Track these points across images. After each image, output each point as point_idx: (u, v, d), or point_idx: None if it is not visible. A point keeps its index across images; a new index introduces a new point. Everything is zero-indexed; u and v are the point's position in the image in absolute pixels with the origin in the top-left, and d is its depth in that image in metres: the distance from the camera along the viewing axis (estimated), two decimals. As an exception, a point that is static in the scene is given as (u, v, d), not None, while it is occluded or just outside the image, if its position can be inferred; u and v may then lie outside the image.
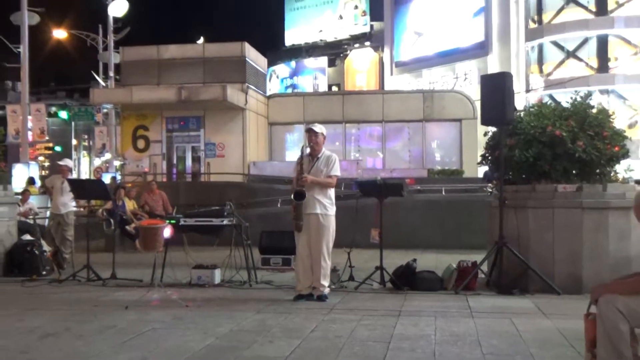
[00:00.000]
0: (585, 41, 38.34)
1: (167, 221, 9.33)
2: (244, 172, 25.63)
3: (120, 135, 29.28)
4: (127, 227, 15.94)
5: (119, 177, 28.42)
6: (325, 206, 8.27)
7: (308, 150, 8.59)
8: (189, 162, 27.31)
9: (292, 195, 8.22)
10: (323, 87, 54.48)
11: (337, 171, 8.40)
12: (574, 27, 38.40)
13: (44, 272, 10.94)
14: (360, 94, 35.37)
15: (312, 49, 57.92)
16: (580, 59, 38.77)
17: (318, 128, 8.46)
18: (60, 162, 12.58)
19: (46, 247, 11.52)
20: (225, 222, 9.74)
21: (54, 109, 52.09)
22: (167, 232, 8.81)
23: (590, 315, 4.45)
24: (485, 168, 13.07)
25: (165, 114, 26.67)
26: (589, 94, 9.95)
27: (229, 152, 26.26)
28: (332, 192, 8.43)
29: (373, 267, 9.55)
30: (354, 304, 8.15)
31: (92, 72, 41.29)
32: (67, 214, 12.36)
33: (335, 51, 56.77)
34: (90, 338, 6.23)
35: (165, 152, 27.01)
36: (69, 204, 12.29)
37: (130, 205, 17.00)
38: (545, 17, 40.03)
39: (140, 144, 26.96)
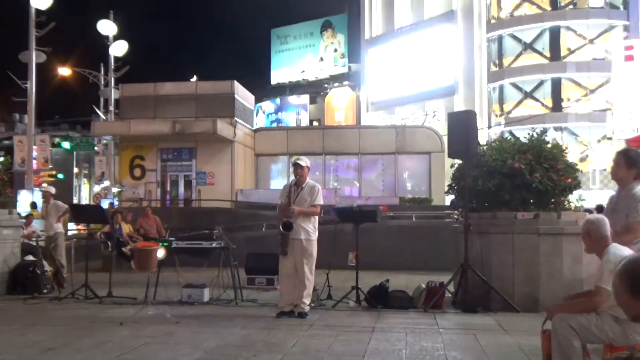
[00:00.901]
0: (541, 83, 38.92)
1: (161, 243, 9.27)
2: (232, 198, 25.54)
3: (119, 164, 29.13)
4: (124, 249, 15.79)
5: (116, 203, 28.19)
6: (309, 232, 8.28)
7: (294, 180, 8.59)
8: (181, 189, 27.17)
9: (281, 226, 8.21)
10: (305, 122, 54.65)
11: (320, 200, 8.42)
12: (531, 71, 39.00)
13: (45, 291, 10.79)
14: (338, 129, 35.55)
15: (295, 88, 58.21)
16: (536, 99, 39.31)
17: (303, 162, 8.49)
18: (44, 189, 12.52)
19: (47, 267, 11.38)
20: (214, 244, 9.70)
21: (57, 139, 51.70)
22: (161, 253, 8.74)
23: (546, 332, 4.47)
24: (452, 197, 13.16)
25: (160, 145, 26.58)
26: (544, 131, 10.06)
27: (218, 180, 26.18)
28: (315, 219, 8.44)
29: (349, 287, 9.52)
30: (331, 320, 8.11)
31: (94, 106, 41.12)
32: (54, 236, 12.26)
33: (316, 90, 57.09)
34: (88, 352, 6.14)
35: (159, 180, 26.87)
36: (54, 225, 12.19)
37: (126, 228, 16.86)
38: (506, 62, 40.62)
39: (137, 172, 26.82)
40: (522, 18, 40.35)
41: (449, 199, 20.67)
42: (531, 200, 9.27)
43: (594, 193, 31.90)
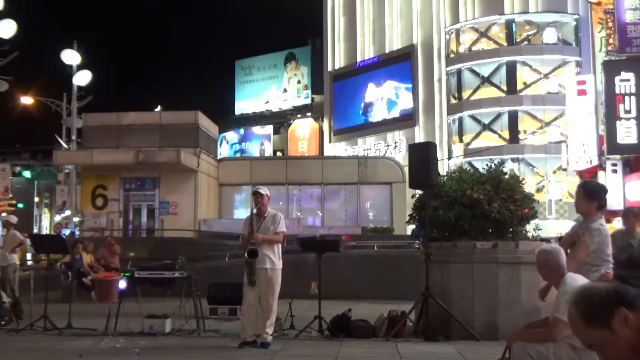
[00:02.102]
0: (498, 116, 39.64)
1: (122, 274, 9.12)
2: (195, 228, 25.30)
3: (80, 193, 28.67)
4: (84, 279, 15.46)
5: (77, 233, 27.69)
6: (274, 261, 8.22)
7: (255, 210, 8.54)
8: (144, 219, 26.83)
9: (246, 254, 8.15)
10: (269, 152, 54.72)
11: (282, 228, 8.40)
12: (488, 104, 39.72)
13: (3, 322, 10.48)
14: (302, 159, 35.60)
15: (259, 118, 58.33)
16: (494, 131, 39.98)
17: (263, 190, 8.46)
18: (4, 217, 12.26)
19: (5, 298, 11.07)
20: (177, 274, 9.57)
21: (18, 168, 50.75)
22: (122, 284, 8.59)
23: (506, 360, 4.49)
24: (413, 226, 13.23)
25: (123, 174, 26.27)
26: (502, 162, 10.22)
27: (181, 210, 25.93)
28: (279, 247, 8.40)
29: (312, 316, 9.46)
30: (294, 350, 8.03)
31: (56, 135, 40.50)
32: (6, 267, 11.97)
33: (280, 120, 57.29)
34: (45, 385, 5.96)
35: (122, 210, 26.51)
36: (7, 256, 11.91)
37: (87, 258, 16.53)
38: (465, 95, 41.31)
39: (99, 202, 26.42)
40: (480, 53, 41.21)
41: (410, 229, 20.77)
42: (490, 230, 9.36)
43: (550, 223, 32.43)
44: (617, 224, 16.20)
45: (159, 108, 41.97)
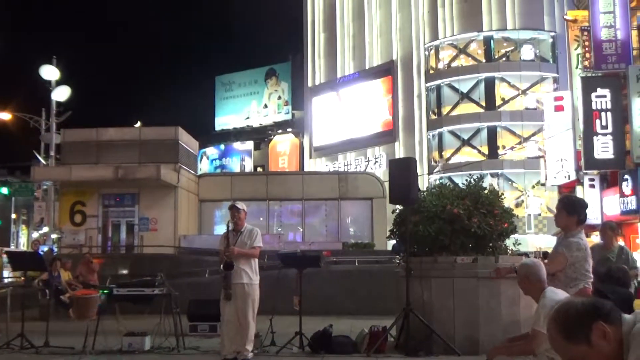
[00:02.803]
0: (477, 131, 39.96)
1: (101, 291, 9.02)
2: (175, 244, 25.12)
3: (59, 210, 28.37)
4: (62, 297, 15.27)
5: (55, 250, 27.38)
6: (250, 276, 8.18)
7: (232, 225, 8.50)
8: (123, 235, 26.60)
9: (222, 266, 8.10)
10: (249, 168, 54.64)
11: (259, 242, 8.36)
12: (468, 119, 40.05)
13: (-21, 341, 10.30)
14: (282, 175, 35.57)
15: (239, 134, 58.27)
16: (474, 147, 40.28)
17: (240, 205, 8.45)
18: None
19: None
20: (156, 291, 9.48)
21: (-5, 185, 50.19)
22: (100, 301, 8.50)
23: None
24: (394, 242, 13.25)
25: (102, 190, 26.06)
26: (481, 177, 10.28)
27: (161, 226, 25.75)
28: (255, 262, 8.35)
29: (293, 332, 9.41)
30: (275, 367, 7.97)
31: (34, 151, 40.15)
32: None
33: (260, 136, 57.28)
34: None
35: (100, 226, 26.27)
36: None
37: (65, 275, 16.34)
38: (444, 110, 41.63)
39: (78, 218, 26.16)
40: (459, 69, 41.61)
41: (390, 244, 20.81)
42: (470, 245, 9.40)
43: (529, 237, 32.65)
44: (596, 238, 16.36)
45: (138, 124, 41.81)
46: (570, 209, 5.81)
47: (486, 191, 9.85)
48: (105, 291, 9.12)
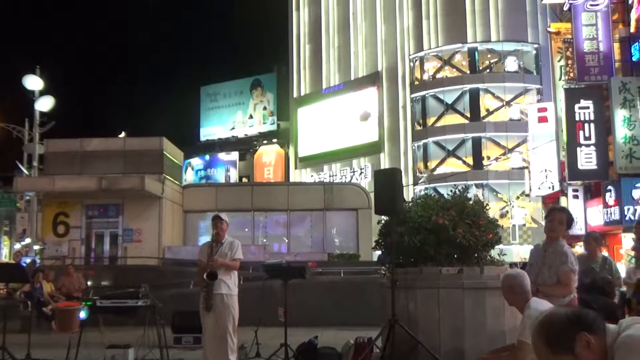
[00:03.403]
0: (462, 142, 40.17)
1: (84, 303, 8.94)
2: (159, 255, 24.99)
3: (42, 221, 28.15)
4: (44, 309, 15.12)
5: (38, 261, 27.13)
6: (230, 287, 8.15)
7: (213, 236, 8.46)
8: (107, 246, 26.43)
9: (205, 275, 8.06)
10: (234, 179, 54.52)
11: (240, 255, 8.32)
12: (453, 130, 40.26)
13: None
14: (267, 186, 35.57)
15: (224, 144, 58.16)
16: (459, 157, 40.47)
17: (224, 216, 8.43)
18: None
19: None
20: (140, 303, 9.41)
21: (-23, 196, 49.72)
22: (83, 313, 8.42)
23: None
24: (379, 252, 13.24)
25: (86, 201, 25.91)
26: (466, 188, 10.33)
27: (145, 237, 25.61)
28: (235, 274, 8.32)
29: (278, 344, 9.38)
30: (260, 379, 7.93)
31: (17, 162, 39.85)
32: None
33: (245, 147, 57.21)
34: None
35: (84, 238, 26.09)
36: None
37: (47, 287, 16.18)
38: (429, 121, 41.81)
39: (61, 229, 25.97)
40: (444, 80, 41.86)
41: (376, 255, 20.81)
42: (455, 255, 9.42)
43: (514, 248, 32.79)
44: (579, 248, 16.46)
45: (123, 134, 41.69)
46: (570, 222, 5.87)
47: (471, 202, 9.88)
48: (88, 303, 9.04)
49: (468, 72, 41.45)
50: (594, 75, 22.90)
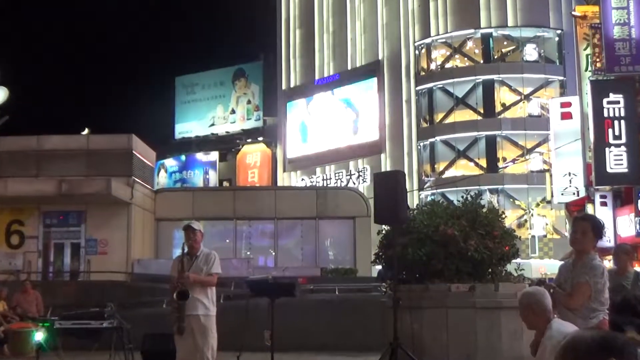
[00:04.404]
0: (474, 141, 40.20)
1: (41, 324, 8.91)
2: (127, 270, 24.92)
3: (-8, 230, 28.04)
4: (-4, 331, 15.06)
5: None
6: (207, 306, 8.11)
7: (186, 248, 8.41)
8: (67, 259, 26.33)
9: (175, 295, 8.01)
10: (214, 182, 54.48)
11: (217, 269, 8.27)
12: (464, 128, 40.30)
13: None
14: (252, 190, 35.55)
15: (203, 143, 58.10)
16: (470, 159, 40.51)
17: (196, 225, 8.38)
18: None
19: None
20: (105, 324, 9.40)
21: None
22: (40, 335, 8.40)
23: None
24: (379, 267, 13.24)
25: (44, 208, 25.81)
26: (479, 194, 10.37)
27: (111, 249, 25.54)
28: (213, 291, 8.29)
29: (264, 372, 9.37)
30: (243, 411, 7.91)
31: (-36, 162, 39.73)
32: None
33: (227, 146, 57.16)
34: None
35: (41, 249, 25.99)
36: None
37: (0, 306, 16.12)
38: (437, 117, 41.85)
39: (14, 239, 25.86)
40: (454, 71, 41.95)
41: (376, 270, 20.80)
42: (466, 271, 9.44)
43: (534, 262, 32.84)
44: (608, 263, 16.51)
45: (86, 131, 41.58)
46: (598, 232, 5.83)
47: (484, 209, 9.92)
48: (46, 324, 9.01)
49: (481, 61, 41.57)
50: (625, 66, 23.00)
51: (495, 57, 41.54)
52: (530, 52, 40.58)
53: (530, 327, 4.84)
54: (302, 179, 48.69)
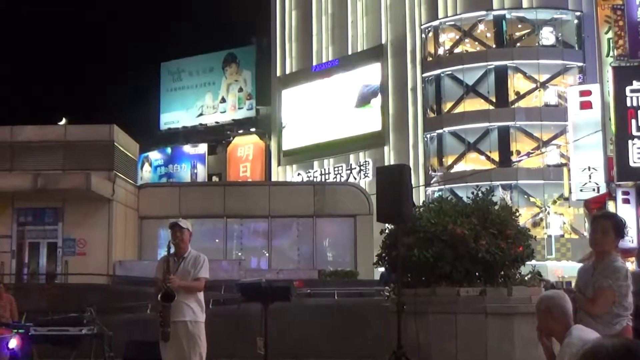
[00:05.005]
0: (486, 133, 40.17)
1: (14, 330, 8.92)
2: (108, 272, 24.95)
3: (-38, 229, 28.05)
4: (-35, 338, 15.08)
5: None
6: (195, 312, 8.11)
7: (172, 249, 8.40)
8: (43, 260, 26.35)
9: (160, 297, 8.01)
10: (202, 177, 54.47)
11: (205, 273, 8.27)
12: (474, 118, 40.23)
13: None
14: (244, 186, 35.55)
15: (190, 134, 58.10)
16: (481, 152, 40.49)
17: (183, 223, 8.37)
18: None
19: None
20: (85, 331, 9.41)
21: None
22: (14, 343, 8.40)
23: None
24: (382, 269, 13.26)
25: (18, 204, 25.82)
26: (491, 190, 10.35)
27: (91, 249, 25.55)
28: (201, 295, 8.29)
29: (256, 383, 9.38)
30: None
31: None
32: None
33: (216, 137, 57.15)
34: None
35: (15, 249, 26.00)
36: None
37: (-31, 311, 16.14)
38: (445, 107, 41.81)
39: (-15, 239, 25.90)
40: (464, 56, 41.90)
41: (379, 272, 20.83)
42: (477, 273, 9.45)
43: (550, 264, 32.89)
44: (631, 265, 16.53)
45: (63, 121, 41.57)
46: (619, 231, 5.83)
47: (497, 207, 9.92)
48: (21, 331, 9.02)
49: (493, 46, 41.54)
50: (650, 51, 22.99)
51: (509, 41, 41.49)
52: (547, 36, 40.55)
53: (548, 334, 4.83)
54: (299, 174, 48.69)
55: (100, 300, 17.17)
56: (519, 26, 41.66)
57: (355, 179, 43.71)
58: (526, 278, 9.82)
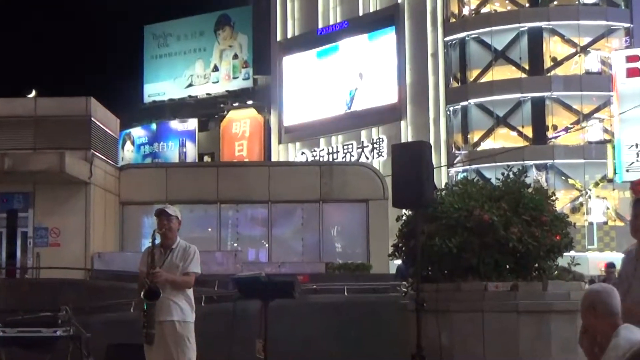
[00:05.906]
0: (518, 105, 40.07)
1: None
2: (85, 266, 25.04)
3: None
4: None
5: None
6: (184, 311, 8.13)
7: (158, 239, 8.41)
8: (13, 252, 26.47)
9: (143, 294, 8.03)
10: (192, 157, 54.47)
11: (196, 267, 8.28)
12: (504, 88, 40.11)
13: None
14: (240, 167, 35.50)
15: (178, 108, 58.07)
16: (512, 127, 40.41)
17: (171, 210, 8.37)
18: None
19: None
20: (59, 332, 9.46)
21: None
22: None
23: None
24: (399, 262, 13.27)
25: (-19, 189, 25.94)
26: (523, 170, 10.34)
27: (66, 239, 25.63)
28: (190, 292, 8.32)
29: (255, 391, 9.43)
30: None
31: None
32: None
33: (208, 111, 57.11)
34: None
35: (-21, 240, 26.15)
36: None
37: None
38: (471, 76, 41.71)
39: (-54, 228, 26.05)
40: (492, 17, 41.78)
41: (395, 265, 20.85)
42: (507, 266, 9.46)
43: (591, 255, 32.87)
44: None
45: (33, 93, 41.61)
46: None
47: (530, 190, 9.92)
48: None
49: (527, 5, 41.39)
50: None
51: (544, -1, 41.39)
52: (588, -7, 40.46)
53: (591, 336, 4.81)
54: (303, 153, 48.69)
55: (77, 298, 17.27)
56: (556, -18, 41.51)
57: (367, 158, 43.69)
58: (555, 273, 9.84)
